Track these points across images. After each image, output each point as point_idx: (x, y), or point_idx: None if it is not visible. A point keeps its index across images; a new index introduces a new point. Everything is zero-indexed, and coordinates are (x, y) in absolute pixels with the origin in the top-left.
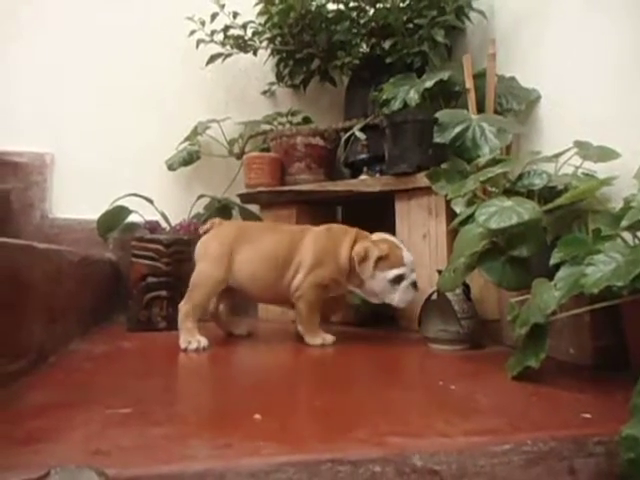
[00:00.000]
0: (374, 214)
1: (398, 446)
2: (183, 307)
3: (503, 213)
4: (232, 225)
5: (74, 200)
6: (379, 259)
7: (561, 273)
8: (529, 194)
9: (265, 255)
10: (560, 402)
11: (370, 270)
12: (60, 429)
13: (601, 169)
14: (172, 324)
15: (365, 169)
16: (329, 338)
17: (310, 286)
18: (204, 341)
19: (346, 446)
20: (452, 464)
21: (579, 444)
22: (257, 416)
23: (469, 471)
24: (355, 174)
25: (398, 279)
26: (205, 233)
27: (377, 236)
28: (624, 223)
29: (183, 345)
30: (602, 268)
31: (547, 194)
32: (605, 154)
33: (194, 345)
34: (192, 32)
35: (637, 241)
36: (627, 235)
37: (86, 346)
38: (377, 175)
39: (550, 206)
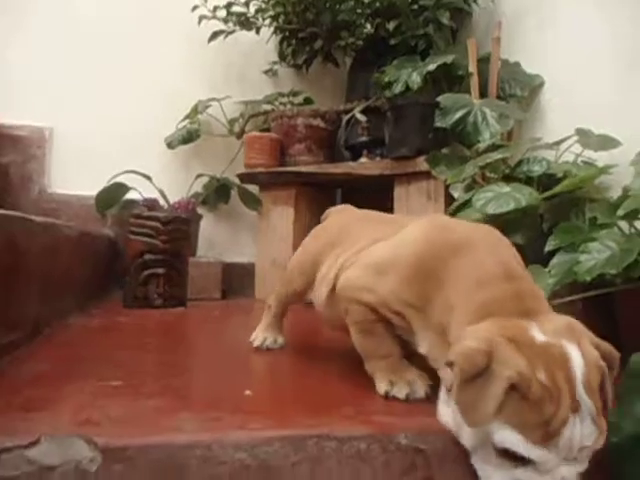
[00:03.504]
0: (374, 197)
1: (384, 424)
2: (268, 298)
3: (501, 199)
4: (345, 217)
5: (73, 175)
6: (511, 389)
7: (555, 260)
8: (528, 181)
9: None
10: None
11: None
12: (52, 399)
13: (602, 157)
14: (168, 301)
15: (365, 152)
16: (411, 385)
17: (352, 298)
18: (271, 340)
19: (333, 422)
20: (437, 443)
21: None
22: (248, 392)
23: (454, 450)
24: (356, 157)
25: (517, 458)
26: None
27: (553, 324)
28: (620, 212)
29: (251, 339)
30: (596, 256)
31: (546, 181)
32: (606, 142)
33: (257, 342)
34: (194, 8)
35: (633, 230)
36: (624, 224)
37: (82, 320)
38: (377, 158)
39: (548, 193)
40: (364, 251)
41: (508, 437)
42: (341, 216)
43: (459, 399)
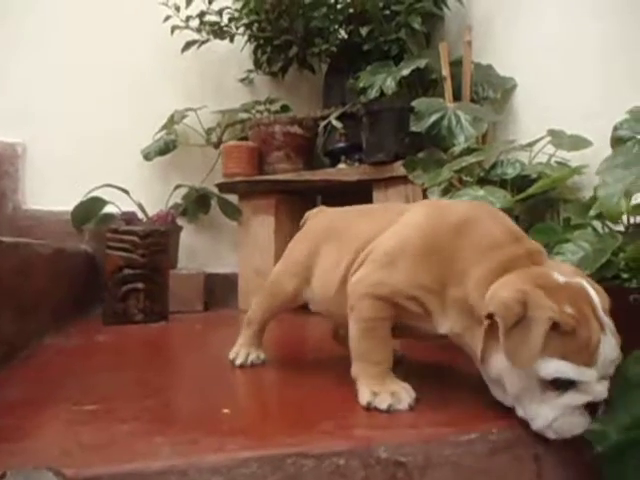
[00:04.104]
0: (354, 203)
1: (364, 438)
2: (248, 312)
3: None
4: (326, 217)
5: (47, 191)
6: (554, 327)
7: None
8: (502, 183)
9: (340, 255)
10: None
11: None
12: (24, 428)
13: (575, 158)
14: (149, 316)
15: (343, 158)
16: (395, 396)
17: (364, 294)
18: (254, 356)
19: (312, 439)
20: (418, 455)
21: None
22: (226, 410)
23: (434, 461)
24: (334, 163)
25: (562, 385)
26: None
27: (562, 271)
28: (592, 212)
29: (230, 356)
30: (570, 257)
31: (520, 183)
32: (577, 143)
33: (240, 360)
34: (167, 18)
35: (606, 230)
36: (599, 223)
37: (60, 340)
38: (356, 164)
39: (522, 195)
40: (369, 247)
41: (557, 366)
42: (322, 216)
43: (506, 346)
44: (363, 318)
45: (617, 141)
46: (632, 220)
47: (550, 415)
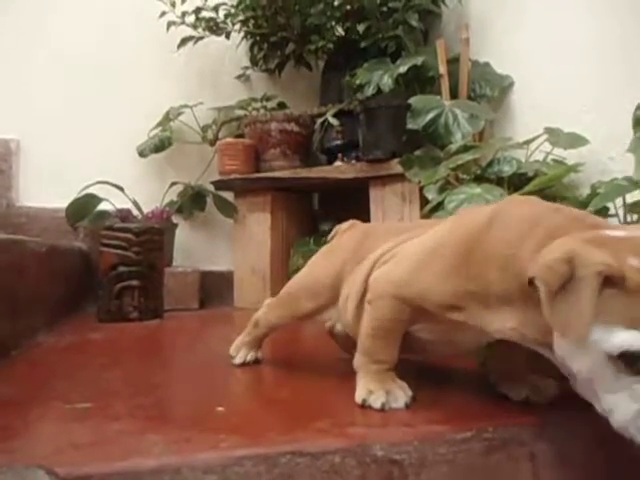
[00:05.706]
0: (350, 201)
1: (359, 436)
2: (257, 312)
3: (472, 200)
4: (357, 233)
5: (42, 188)
6: (606, 281)
7: None
8: (499, 181)
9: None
10: None
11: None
12: (14, 427)
13: (571, 156)
14: (144, 314)
15: (340, 155)
16: (390, 395)
17: (385, 292)
18: (252, 356)
19: (307, 437)
20: (413, 453)
21: (540, 429)
22: (220, 408)
23: (429, 460)
24: (331, 160)
25: (634, 368)
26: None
27: (628, 228)
28: (589, 210)
29: (231, 352)
30: None
31: (517, 181)
32: (574, 140)
33: (239, 360)
34: (162, 14)
35: None
36: None
37: (53, 338)
38: (353, 162)
39: (519, 193)
40: (396, 248)
41: (623, 336)
42: (354, 232)
43: (552, 317)
44: (379, 317)
45: (638, 121)
46: (629, 218)
47: (631, 407)
